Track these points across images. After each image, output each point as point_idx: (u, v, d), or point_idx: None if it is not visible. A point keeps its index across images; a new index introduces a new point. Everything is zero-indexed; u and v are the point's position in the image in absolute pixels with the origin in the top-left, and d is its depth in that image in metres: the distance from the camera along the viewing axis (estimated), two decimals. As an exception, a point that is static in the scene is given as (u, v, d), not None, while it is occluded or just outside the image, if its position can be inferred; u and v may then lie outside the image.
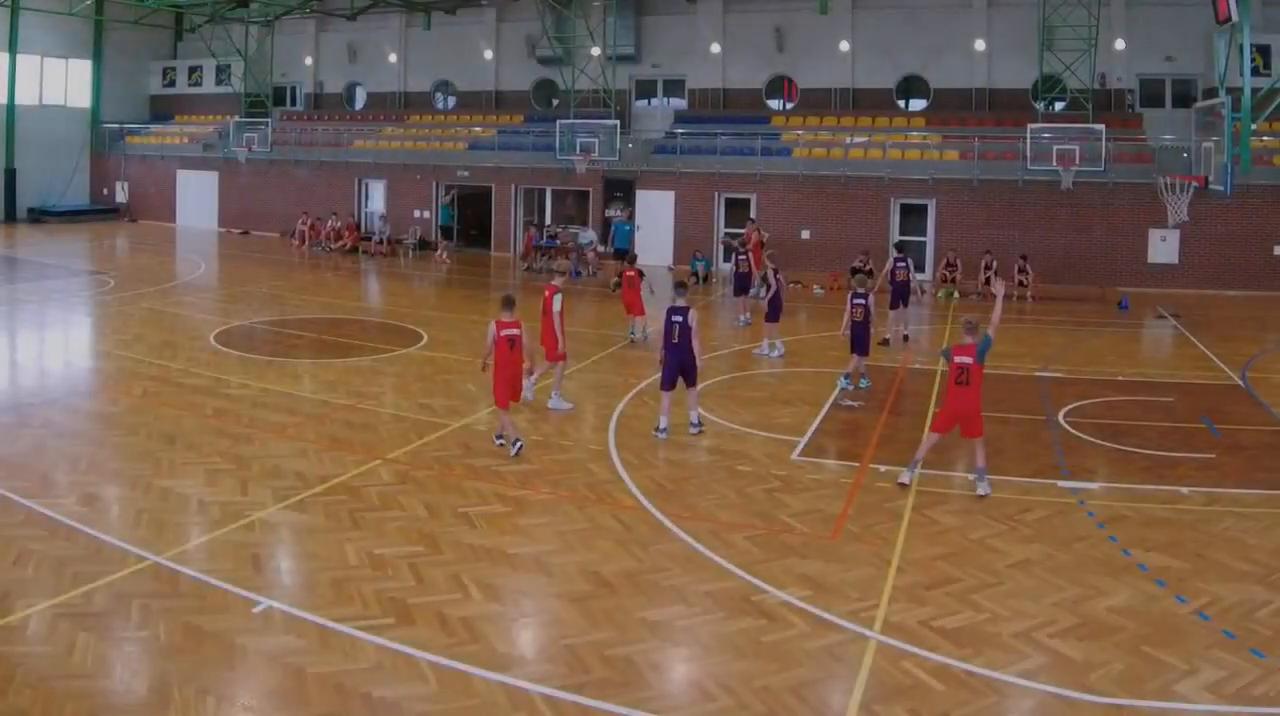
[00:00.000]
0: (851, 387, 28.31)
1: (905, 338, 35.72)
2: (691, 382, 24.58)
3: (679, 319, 24.30)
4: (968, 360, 20.39)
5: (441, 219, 60.20)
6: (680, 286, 25.95)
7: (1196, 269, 51.00)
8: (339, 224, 64.29)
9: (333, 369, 30.27)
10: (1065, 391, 28.56)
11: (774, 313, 33.50)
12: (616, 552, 16.77)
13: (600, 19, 61.96)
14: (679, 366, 24.34)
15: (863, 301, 28.31)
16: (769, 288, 33.48)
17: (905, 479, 20.73)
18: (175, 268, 55.01)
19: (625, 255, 46.02)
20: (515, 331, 22.20)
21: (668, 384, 24.35)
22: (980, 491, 20.27)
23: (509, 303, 22.67)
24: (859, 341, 28.37)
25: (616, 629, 14.18)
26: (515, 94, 71.95)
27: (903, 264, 36.12)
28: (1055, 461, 22.66)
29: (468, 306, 43.57)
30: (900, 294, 35.96)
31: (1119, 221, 52.17)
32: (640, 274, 35.17)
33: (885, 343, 34.92)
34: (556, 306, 26.91)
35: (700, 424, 24.69)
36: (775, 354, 32.88)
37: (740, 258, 40.14)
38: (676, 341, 24.21)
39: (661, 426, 24.15)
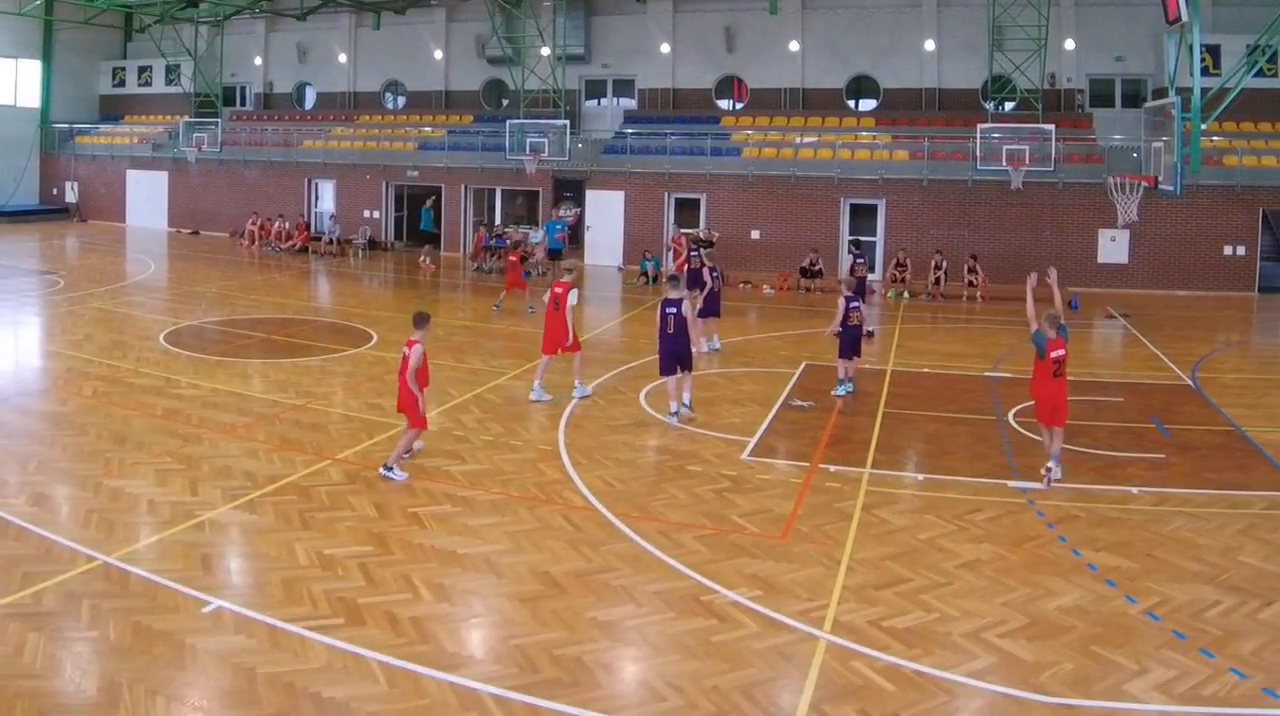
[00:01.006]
0: (845, 393, 28.11)
1: (870, 334, 35.47)
2: (688, 368, 25.67)
3: (673, 311, 25.51)
4: (1063, 353, 21.25)
5: (423, 223, 59.65)
6: (673, 279, 27.61)
7: (1146, 269, 51.23)
8: (287, 224, 64.08)
9: (282, 369, 30.19)
10: (1016, 391, 28.59)
11: (711, 308, 33.42)
12: (566, 553, 16.78)
13: (550, 19, 61.85)
14: (675, 354, 25.27)
15: (858, 304, 28.27)
16: (704, 286, 33.27)
17: (1055, 474, 21.19)
18: (125, 267, 54.72)
19: (557, 254, 46.16)
20: (405, 350, 21.11)
21: (668, 371, 25.44)
22: (1056, 475, 20.98)
23: (418, 318, 21.91)
24: (853, 344, 28.34)
25: (566, 629, 14.20)
26: (465, 94, 71.91)
27: (861, 261, 36.16)
28: (1005, 461, 22.71)
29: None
30: (860, 292, 35.50)
31: (1069, 221, 52.35)
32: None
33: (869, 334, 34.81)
34: (572, 300, 27.70)
35: (691, 407, 25.73)
36: (708, 348, 32.72)
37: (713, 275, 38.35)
38: (672, 332, 25.24)
39: (674, 409, 25.55)
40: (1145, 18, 53.56)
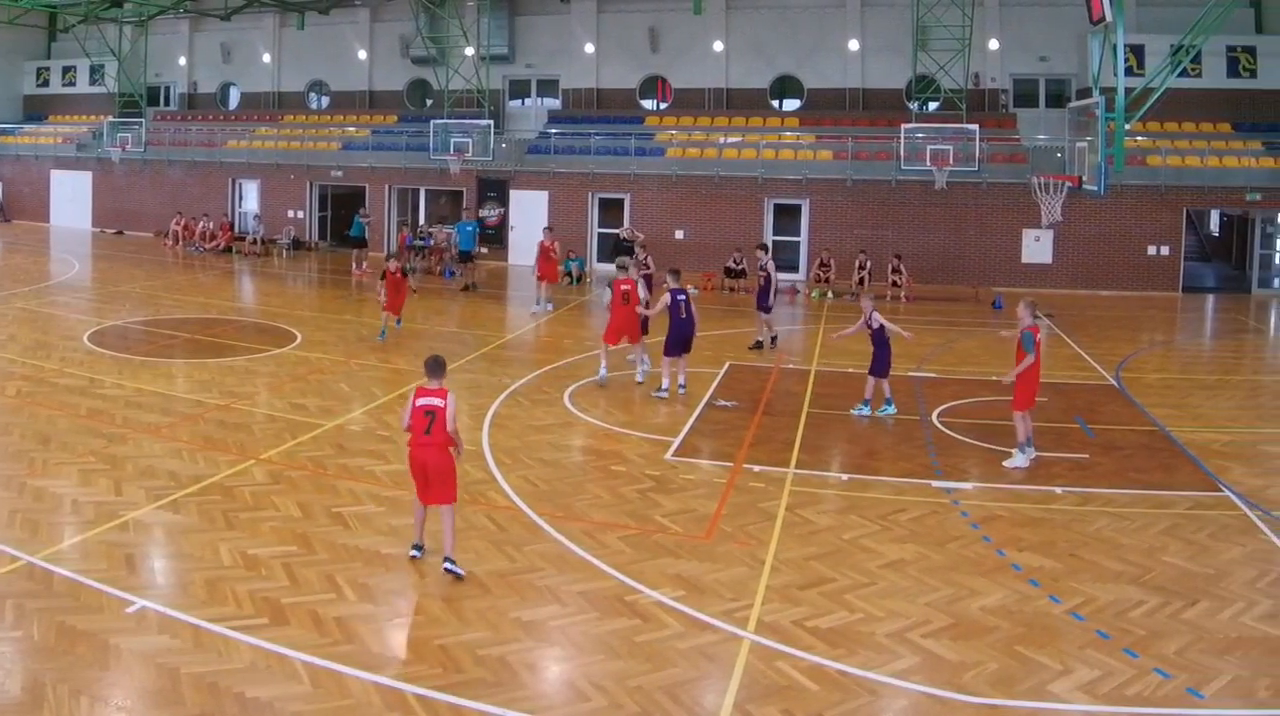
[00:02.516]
0: (869, 414, 26.85)
1: (774, 339, 35.51)
2: (688, 350, 28.20)
3: (683, 298, 27.96)
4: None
5: (353, 230, 59.04)
6: (675, 273, 28.52)
7: (1070, 269, 51.57)
8: (211, 224, 63.71)
9: (207, 369, 30.03)
10: (939, 391, 28.75)
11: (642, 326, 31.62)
12: (490, 553, 16.76)
13: (474, 19, 61.64)
14: (686, 338, 27.29)
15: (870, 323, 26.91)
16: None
17: (1023, 462, 21.98)
18: (49, 267, 54.31)
19: (468, 256, 45.95)
20: (438, 402, 16.43)
21: (677, 351, 27.41)
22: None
23: (435, 366, 17.18)
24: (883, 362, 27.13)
25: (490, 629, 14.21)
26: (389, 94, 71.80)
27: (771, 263, 36.06)
28: (929, 461, 22.80)
29: (341, 306, 43.35)
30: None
31: (993, 221, 52.69)
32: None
33: (758, 346, 34.79)
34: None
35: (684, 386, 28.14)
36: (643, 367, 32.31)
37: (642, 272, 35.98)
38: (685, 316, 27.12)
39: (664, 385, 27.81)
40: (1069, 18, 53.89)
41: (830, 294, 49.87)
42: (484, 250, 57.80)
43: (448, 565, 15.80)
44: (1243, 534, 18.58)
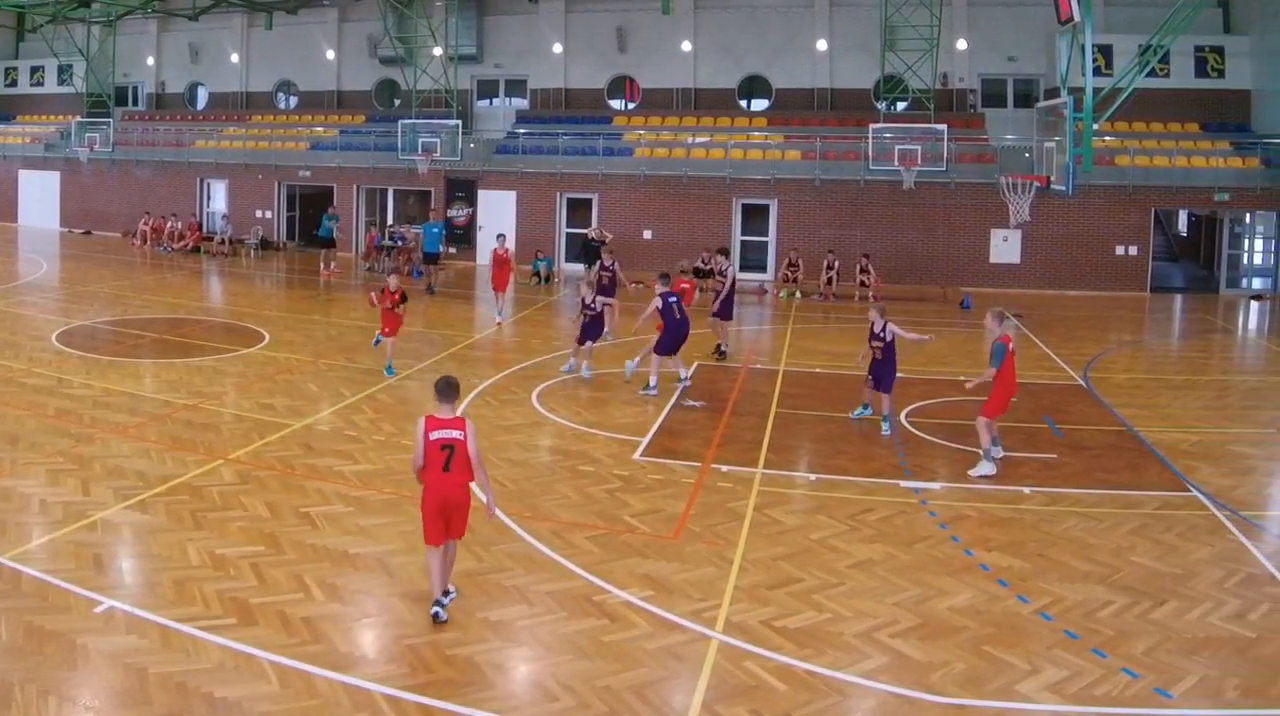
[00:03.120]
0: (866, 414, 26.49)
1: (722, 351, 34.41)
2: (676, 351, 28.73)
3: (674, 299, 28.52)
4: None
5: (321, 230, 58.34)
6: (664, 277, 29.13)
7: (1038, 269, 51.71)
8: (180, 224, 63.58)
9: (175, 369, 29.98)
10: (908, 391, 28.70)
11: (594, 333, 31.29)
12: (459, 552, 16.50)
13: (442, 19, 61.68)
14: (684, 337, 28.63)
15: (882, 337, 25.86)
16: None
17: (989, 470, 21.79)
18: (17, 267, 54.13)
19: (433, 258, 45.75)
20: (456, 434, 14.79)
21: (673, 351, 27.96)
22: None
23: (448, 389, 15.15)
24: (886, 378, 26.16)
25: (458, 629, 14.21)
26: (357, 94, 71.80)
27: (732, 268, 35.78)
28: (897, 461, 22.87)
29: (309, 306, 43.27)
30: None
31: (961, 221, 52.85)
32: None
33: (721, 354, 34.25)
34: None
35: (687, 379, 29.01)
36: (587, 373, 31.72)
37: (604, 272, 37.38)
38: (680, 317, 27.76)
39: (652, 384, 28.28)
40: (1037, 18, 53.97)
41: (798, 294, 50.00)
42: (453, 250, 57.86)
43: (443, 600, 14.64)
44: (1211, 534, 18.62)
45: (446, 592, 14.93)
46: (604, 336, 30.68)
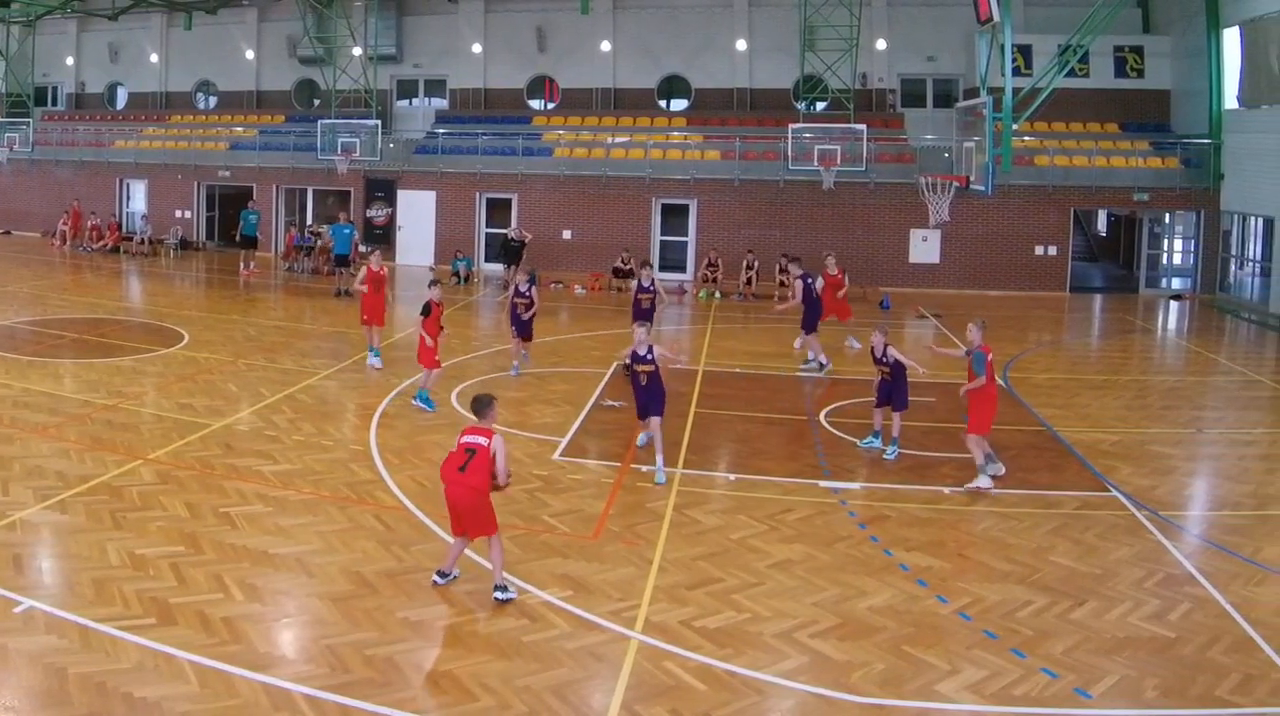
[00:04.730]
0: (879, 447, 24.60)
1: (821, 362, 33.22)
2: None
3: (810, 280, 29.64)
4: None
5: (245, 228, 57.53)
6: (796, 260, 31.15)
7: (958, 268, 51.94)
8: (97, 220, 63.15)
9: (95, 369, 29.78)
10: (827, 392, 28.85)
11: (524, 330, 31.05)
12: (378, 553, 16.79)
13: (362, 19, 61.69)
14: (819, 315, 29.40)
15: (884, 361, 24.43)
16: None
17: (986, 483, 21.21)
18: (-65, 268, 53.59)
19: (344, 260, 45.48)
20: (481, 441, 15.83)
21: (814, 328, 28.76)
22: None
23: (475, 404, 16.75)
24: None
25: (378, 629, 14.21)
26: (277, 94, 71.56)
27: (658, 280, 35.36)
28: (817, 461, 22.97)
29: (229, 306, 43.08)
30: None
31: (880, 221, 53.04)
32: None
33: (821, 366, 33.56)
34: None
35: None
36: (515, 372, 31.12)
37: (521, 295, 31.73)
38: (815, 297, 28.72)
39: (822, 360, 29.70)
40: (957, 18, 54.34)
41: (718, 294, 50.06)
42: (374, 250, 57.53)
43: (497, 594, 15.36)
44: (1130, 534, 18.78)
45: (445, 574, 15.88)
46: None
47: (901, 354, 23.94)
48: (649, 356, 22.01)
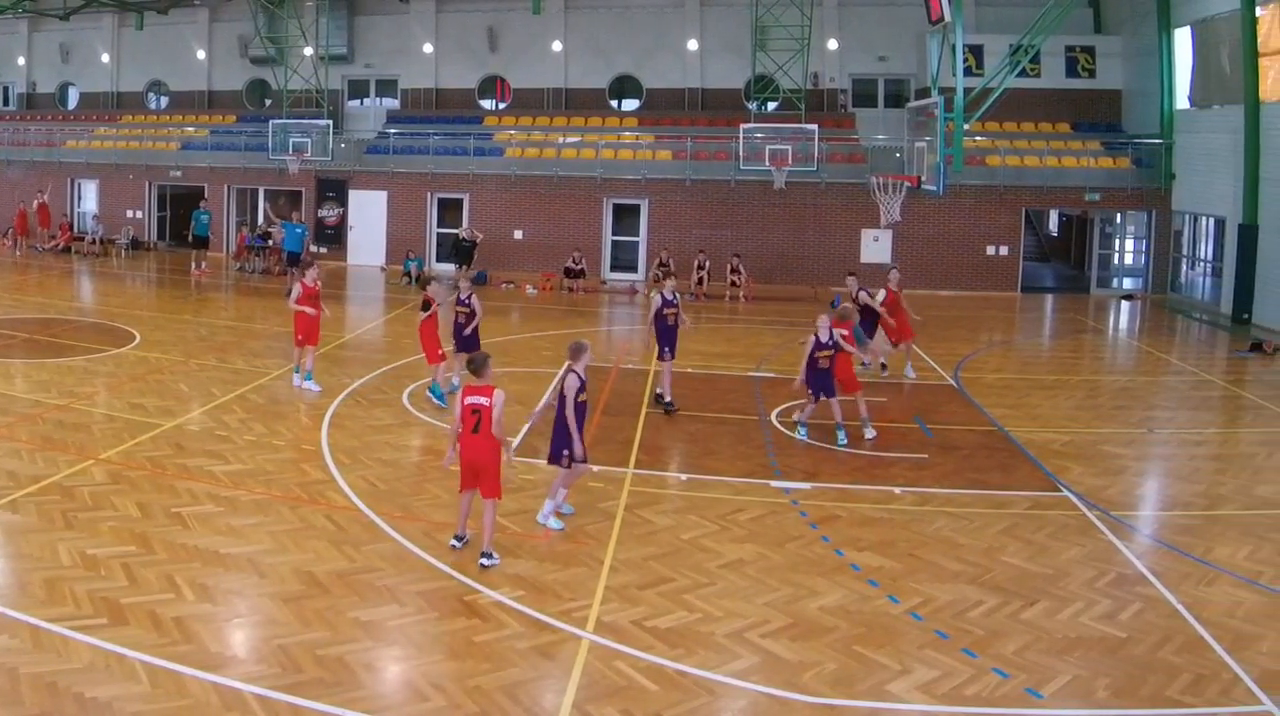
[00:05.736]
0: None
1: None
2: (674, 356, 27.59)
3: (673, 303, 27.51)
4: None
5: (197, 228, 57.27)
6: (670, 274, 30.24)
7: (909, 268, 51.35)
8: (44, 199, 62.84)
9: (46, 369, 29.67)
10: (779, 391, 28.82)
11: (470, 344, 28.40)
12: (329, 553, 16.75)
13: (313, 19, 61.45)
14: (672, 344, 27.41)
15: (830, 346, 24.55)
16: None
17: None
18: (-115, 269, 53.33)
19: (295, 258, 45.23)
20: (484, 401, 16.65)
21: (665, 358, 27.28)
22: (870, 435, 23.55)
23: (471, 364, 17.35)
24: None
25: (329, 629, 14.17)
26: (228, 94, 71.37)
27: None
28: (768, 461, 22.99)
29: (180, 306, 42.96)
30: None
31: (832, 221, 53.15)
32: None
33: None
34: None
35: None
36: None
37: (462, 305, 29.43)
38: (673, 324, 26.96)
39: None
40: (908, 18, 54.45)
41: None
42: (324, 250, 57.39)
43: (483, 560, 16.11)
44: (1081, 534, 18.82)
45: (462, 537, 17.09)
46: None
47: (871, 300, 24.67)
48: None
